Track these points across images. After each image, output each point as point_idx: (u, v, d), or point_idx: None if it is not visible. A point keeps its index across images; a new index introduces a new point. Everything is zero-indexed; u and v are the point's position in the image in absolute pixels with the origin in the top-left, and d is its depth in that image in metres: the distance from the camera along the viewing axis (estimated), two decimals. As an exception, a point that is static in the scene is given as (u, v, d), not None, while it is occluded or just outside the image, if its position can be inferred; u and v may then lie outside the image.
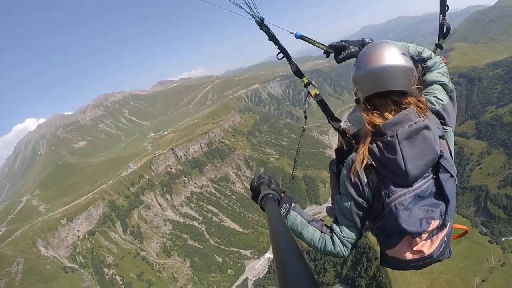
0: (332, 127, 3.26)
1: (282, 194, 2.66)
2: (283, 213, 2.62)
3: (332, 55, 3.30)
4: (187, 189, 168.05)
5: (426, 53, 2.95)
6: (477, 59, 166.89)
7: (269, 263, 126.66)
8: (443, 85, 2.82)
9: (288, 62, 3.55)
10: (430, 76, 2.86)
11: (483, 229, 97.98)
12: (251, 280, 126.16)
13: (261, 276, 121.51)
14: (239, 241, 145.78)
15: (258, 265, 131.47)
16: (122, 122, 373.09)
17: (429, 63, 2.91)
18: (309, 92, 3.34)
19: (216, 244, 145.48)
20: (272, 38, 3.49)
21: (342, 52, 3.06)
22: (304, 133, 3.60)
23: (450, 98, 2.82)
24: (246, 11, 3.41)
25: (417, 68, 2.76)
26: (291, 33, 3.42)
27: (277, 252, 1.01)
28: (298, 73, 3.55)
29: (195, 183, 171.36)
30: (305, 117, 3.94)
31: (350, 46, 3.02)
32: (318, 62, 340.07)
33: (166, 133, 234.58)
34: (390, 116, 2.47)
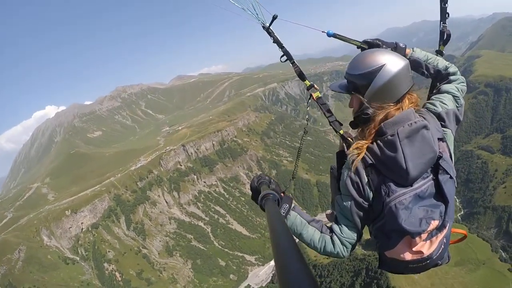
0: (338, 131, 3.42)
1: (282, 194, 2.67)
2: (283, 213, 2.63)
3: None
4: (195, 188, 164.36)
5: (453, 69, 3.04)
6: (504, 68, 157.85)
7: (273, 272, 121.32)
8: (455, 98, 2.88)
9: (292, 64, 3.71)
10: (446, 86, 2.94)
11: (503, 254, 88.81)
12: (253, 287, 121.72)
13: (263, 285, 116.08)
14: (244, 246, 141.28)
15: (262, 273, 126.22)
16: (138, 115, 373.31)
17: (452, 77, 3.00)
18: (311, 95, 3.49)
19: (220, 247, 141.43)
20: (276, 41, 3.67)
21: None
22: (305, 135, 3.70)
23: (458, 110, 2.87)
24: (253, 15, 3.58)
25: (441, 81, 3.02)
26: (322, 32, 3.43)
27: (277, 252, 1.01)
28: (301, 76, 3.67)
29: (204, 182, 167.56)
30: (307, 120, 4.08)
31: (384, 46, 3.05)
32: (338, 63, 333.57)
33: (180, 128, 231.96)
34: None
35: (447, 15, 3.51)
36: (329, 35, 3.35)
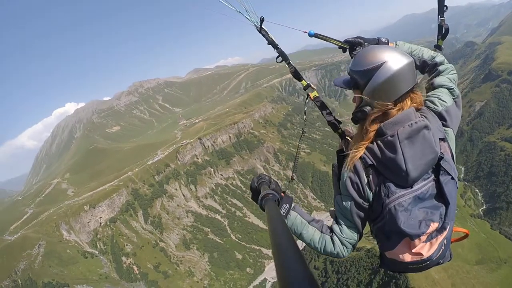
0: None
1: (282, 194, 2.68)
2: (283, 213, 2.65)
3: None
4: (212, 181, 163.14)
5: (439, 58, 3.00)
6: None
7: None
8: (450, 90, 2.85)
9: (287, 65, 3.68)
10: (439, 80, 2.89)
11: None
12: (269, 281, 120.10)
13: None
14: (261, 239, 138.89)
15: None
16: (156, 109, 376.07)
17: (441, 68, 2.96)
18: (308, 95, 3.46)
19: (237, 240, 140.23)
20: (271, 42, 3.61)
21: (357, 48, 3.14)
22: (304, 135, 3.70)
23: (456, 103, 2.84)
24: (245, 17, 3.57)
25: (429, 72, 3.00)
26: (304, 32, 3.45)
27: (277, 253, 1.01)
28: (297, 76, 3.62)
29: (221, 175, 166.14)
30: (305, 120, 4.14)
31: (366, 44, 3.09)
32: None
33: (197, 121, 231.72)
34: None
35: (445, 8, 3.42)
36: (310, 35, 3.36)
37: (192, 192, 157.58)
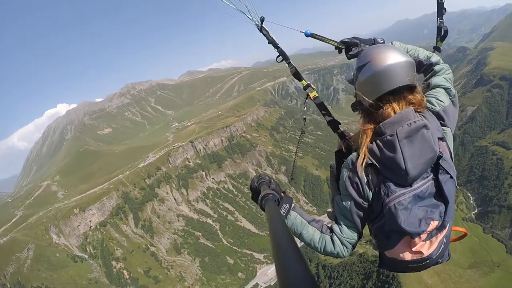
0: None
1: (282, 194, 2.68)
2: (283, 213, 2.65)
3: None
4: (203, 184, 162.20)
5: (435, 58, 3.03)
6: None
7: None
8: (447, 90, 2.86)
9: (287, 65, 3.71)
10: (435, 80, 2.90)
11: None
12: (261, 286, 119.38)
13: (272, 283, 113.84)
14: (253, 243, 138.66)
15: (271, 271, 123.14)
16: (148, 111, 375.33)
17: (436, 68, 2.99)
18: (308, 95, 3.50)
19: (228, 245, 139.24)
20: (272, 41, 3.66)
21: (353, 49, 3.16)
22: (303, 135, 3.83)
23: (453, 102, 2.85)
24: (246, 16, 3.61)
25: (425, 71, 3.03)
26: (300, 32, 3.48)
27: (277, 253, 1.01)
28: (297, 76, 3.65)
29: (213, 179, 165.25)
30: (304, 119, 4.14)
31: (362, 44, 3.12)
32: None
33: (189, 123, 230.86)
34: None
35: (444, 10, 3.52)
36: (307, 35, 3.39)
37: (183, 196, 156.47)
